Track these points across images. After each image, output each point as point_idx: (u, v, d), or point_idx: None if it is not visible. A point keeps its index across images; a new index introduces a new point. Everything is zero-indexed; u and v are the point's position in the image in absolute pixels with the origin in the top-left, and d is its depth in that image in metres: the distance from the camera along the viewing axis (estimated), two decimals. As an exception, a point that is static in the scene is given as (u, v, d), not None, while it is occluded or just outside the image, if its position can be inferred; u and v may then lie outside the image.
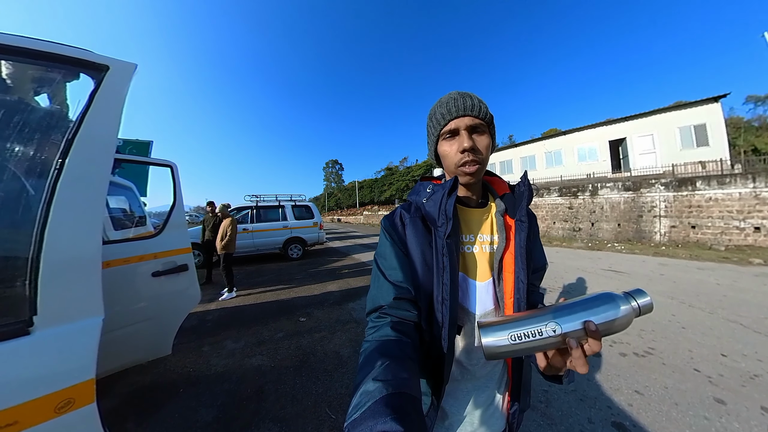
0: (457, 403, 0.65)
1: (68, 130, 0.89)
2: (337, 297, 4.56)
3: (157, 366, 2.50)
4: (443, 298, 0.57)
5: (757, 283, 4.72)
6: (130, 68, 1.03)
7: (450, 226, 0.58)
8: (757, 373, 2.18)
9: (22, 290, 0.76)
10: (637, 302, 0.47)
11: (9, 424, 0.68)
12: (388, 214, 0.70)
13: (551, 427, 1.74)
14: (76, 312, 0.82)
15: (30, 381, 0.74)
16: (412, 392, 0.41)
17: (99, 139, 0.93)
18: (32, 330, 0.76)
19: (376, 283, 0.63)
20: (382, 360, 0.45)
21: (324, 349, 2.82)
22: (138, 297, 1.84)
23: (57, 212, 0.80)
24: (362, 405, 0.38)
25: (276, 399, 2.07)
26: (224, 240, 4.79)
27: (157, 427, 1.81)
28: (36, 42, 0.87)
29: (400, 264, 0.62)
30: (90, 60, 0.95)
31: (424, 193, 0.66)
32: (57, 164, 0.84)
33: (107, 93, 0.95)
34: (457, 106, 0.60)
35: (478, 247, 0.65)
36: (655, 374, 2.22)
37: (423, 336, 0.60)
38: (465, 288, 0.62)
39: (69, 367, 0.80)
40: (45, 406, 0.74)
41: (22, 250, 0.77)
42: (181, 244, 2.08)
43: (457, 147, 0.60)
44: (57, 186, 0.81)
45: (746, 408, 1.80)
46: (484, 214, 0.69)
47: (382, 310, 0.58)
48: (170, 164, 2.16)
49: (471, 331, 0.63)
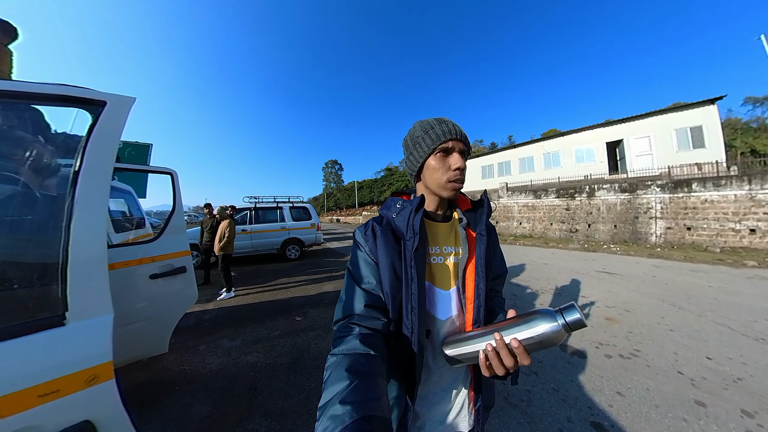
0: (428, 404, 0.69)
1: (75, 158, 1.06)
2: (332, 297, 4.62)
3: (155, 364, 2.57)
4: (412, 306, 0.61)
5: (749, 285, 4.76)
6: (128, 102, 1.16)
7: (417, 240, 0.62)
8: (741, 376, 2.21)
9: (56, 291, 0.98)
10: (565, 320, 0.49)
11: (53, 392, 0.91)
12: (360, 226, 0.74)
13: (531, 425, 1.79)
14: (94, 310, 1.04)
15: (67, 360, 0.96)
16: (382, 414, 0.41)
17: (97, 167, 1.08)
18: (66, 322, 0.97)
19: (347, 291, 0.66)
20: (351, 378, 0.45)
21: (318, 347, 2.88)
22: (137, 298, 1.92)
23: (75, 230, 1.00)
24: (330, 431, 0.37)
25: (269, 394, 2.14)
26: (222, 241, 4.84)
27: (154, 421, 1.88)
28: (40, 86, 1.02)
29: (371, 273, 0.66)
30: (88, 97, 1.09)
31: (394, 208, 0.71)
32: (70, 191, 1.03)
33: (104, 126, 1.10)
34: (456, 130, 0.66)
35: (443, 258, 0.70)
36: (638, 376, 2.27)
37: (390, 343, 0.63)
38: (432, 296, 0.67)
39: (94, 351, 1.01)
40: (78, 379, 0.96)
41: (53, 259, 0.99)
42: (179, 247, 2.16)
43: (449, 165, 0.65)
44: (73, 208, 1.01)
45: (726, 411, 1.84)
46: (449, 228, 0.74)
47: (351, 319, 0.61)
48: (170, 172, 2.23)
49: (437, 336, 0.67)
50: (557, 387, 2.16)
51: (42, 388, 0.89)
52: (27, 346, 0.90)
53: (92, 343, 1.01)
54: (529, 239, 12.68)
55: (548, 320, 0.50)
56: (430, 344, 0.67)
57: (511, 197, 15.11)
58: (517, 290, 4.85)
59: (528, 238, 12.93)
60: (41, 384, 0.89)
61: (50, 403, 0.90)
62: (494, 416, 1.86)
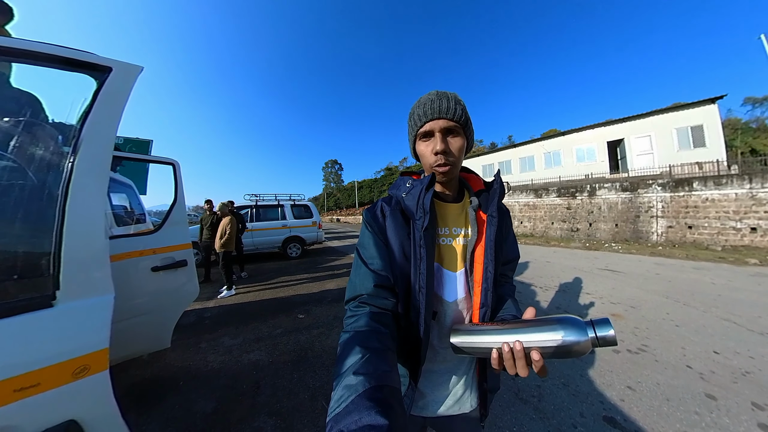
0: (431, 384, 0.70)
1: (74, 129, 0.97)
2: (335, 294, 4.58)
3: (156, 361, 2.54)
4: (420, 286, 0.60)
5: (752, 282, 4.76)
6: (135, 70, 1.08)
7: (427, 219, 0.61)
8: (749, 369, 2.21)
9: (47, 267, 0.86)
10: (596, 334, 0.45)
11: (32, 386, 0.77)
12: (369, 206, 0.73)
13: (543, 420, 1.76)
14: (92, 289, 0.92)
15: (52, 348, 0.83)
16: (393, 384, 0.43)
17: (100, 137, 1.00)
18: (55, 303, 0.85)
19: (356, 272, 0.65)
20: (362, 352, 0.46)
21: (322, 345, 2.85)
22: (139, 291, 1.88)
23: (71, 204, 0.90)
24: (345, 399, 0.38)
25: (273, 393, 2.10)
26: (223, 238, 4.79)
27: (158, 417, 1.84)
28: (41, 45, 0.93)
29: (380, 254, 0.65)
30: (92, 62, 1.01)
31: (403, 187, 0.70)
32: (69, 160, 0.93)
33: (110, 93, 1.01)
34: (432, 109, 0.62)
35: (452, 240, 0.69)
36: (647, 371, 2.25)
37: (400, 322, 0.63)
38: (440, 277, 0.66)
39: (86, 336, 0.89)
40: (64, 371, 0.83)
41: (46, 235, 0.88)
42: (180, 240, 2.11)
43: (431, 148, 0.63)
44: (70, 182, 0.91)
45: (737, 404, 1.83)
46: (459, 208, 0.72)
47: (361, 298, 0.61)
48: (172, 162, 2.19)
49: (444, 318, 0.67)
50: (567, 382, 2.14)
51: (19, 381, 0.76)
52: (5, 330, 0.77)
53: (85, 326, 0.89)
54: (531, 238, 12.68)
55: (576, 331, 0.45)
56: (436, 325, 0.67)
57: (512, 196, 15.09)
58: (522, 287, 4.83)
59: (529, 237, 12.93)
60: (18, 376, 0.76)
61: (28, 399, 0.77)
62: (506, 412, 1.84)
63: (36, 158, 1.00)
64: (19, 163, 0.95)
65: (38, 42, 0.94)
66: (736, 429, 1.64)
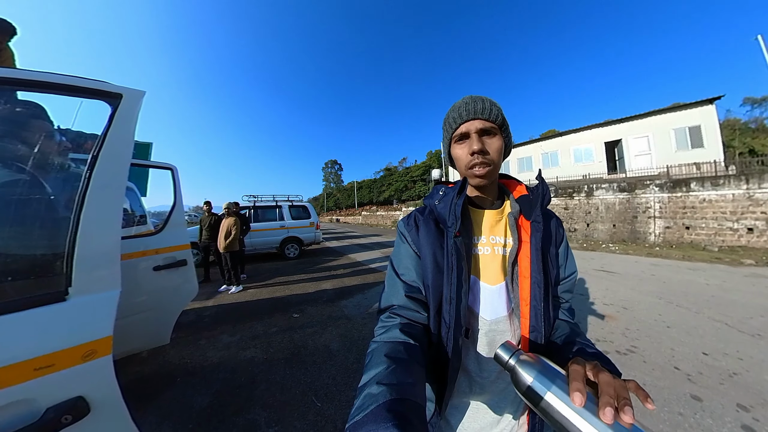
0: (460, 415, 0.63)
1: (94, 147, 1.11)
2: (330, 295, 4.63)
3: (156, 357, 2.61)
4: (450, 297, 0.55)
5: (746, 283, 4.77)
6: (139, 95, 1.22)
7: (459, 225, 0.57)
8: (737, 371, 2.22)
9: (61, 266, 1.00)
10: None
11: (48, 366, 0.91)
12: (404, 216, 0.71)
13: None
14: (100, 285, 1.06)
15: (64, 335, 0.97)
16: (416, 399, 0.41)
17: (118, 153, 1.15)
18: (68, 297, 0.99)
19: (389, 283, 0.64)
20: (388, 363, 0.44)
21: (315, 343, 2.91)
22: (141, 289, 1.99)
23: (87, 210, 1.03)
24: (365, 407, 0.37)
25: (267, 387, 2.17)
26: (229, 239, 4.84)
27: (156, 411, 1.91)
28: (61, 77, 1.08)
29: (413, 265, 0.62)
30: (107, 90, 1.16)
31: (437, 195, 0.66)
32: (86, 174, 1.06)
33: (122, 116, 1.16)
34: (467, 110, 0.60)
35: (489, 249, 0.63)
36: (634, 371, 2.27)
37: (432, 339, 0.59)
38: (475, 290, 0.60)
39: (94, 325, 1.02)
40: (75, 354, 0.97)
41: (61, 240, 1.01)
42: (180, 240, 2.22)
43: (467, 149, 0.60)
44: (88, 190, 1.05)
45: (722, 405, 1.85)
46: (498, 215, 0.66)
47: (392, 309, 0.59)
48: (171, 167, 2.29)
49: (482, 338, 0.59)
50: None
51: (38, 362, 0.90)
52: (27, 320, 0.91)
53: (93, 317, 1.03)
54: (528, 238, 12.67)
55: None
56: (472, 345, 0.59)
57: (510, 197, 15.10)
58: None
59: (527, 238, 12.93)
60: (37, 357, 0.90)
61: (45, 377, 0.90)
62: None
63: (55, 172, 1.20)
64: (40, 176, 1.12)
65: (57, 74, 1.08)
66: (719, 430, 1.65)
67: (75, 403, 0.95)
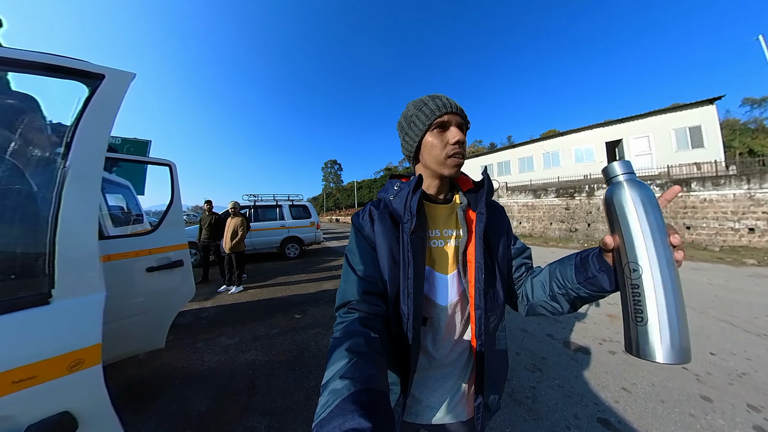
0: (426, 390, 0.68)
1: (67, 135, 1.00)
2: (332, 295, 4.58)
3: (153, 360, 2.54)
4: (408, 291, 0.58)
5: (750, 283, 4.76)
6: (127, 77, 1.11)
7: (414, 222, 0.59)
8: (745, 371, 2.20)
9: (43, 267, 0.90)
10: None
11: (30, 377, 0.81)
12: (358, 211, 0.72)
13: (537, 422, 1.76)
14: (85, 288, 0.96)
15: (48, 343, 0.87)
16: (380, 387, 0.42)
17: (91, 142, 1.03)
18: (51, 300, 0.89)
19: (345, 278, 0.65)
20: (350, 357, 0.45)
21: (318, 345, 2.84)
22: (133, 291, 1.89)
23: (65, 206, 0.93)
24: (330, 403, 0.38)
25: (268, 392, 2.10)
26: (235, 239, 4.81)
27: (153, 415, 1.85)
28: (34, 54, 0.96)
29: (369, 259, 0.64)
30: (84, 69, 1.03)
31: (392, 190, 0.68)
32: (62, 165, 0.97)
33: (102, 99, 1.04)
34: (450, 104, 0.62)
35: (444, 242, 0.67)
36: (643, 372, 2.24)
37: (391, 329, 0.62)
38: (432, 281, 0.65)
39: (80, 332, 0.93)
40: (59, 364, 0.87)
41: (41, 236, 0.91)
42: (176, 240, 2.12)
43: (447, 139, 0.62)
44: (64, 183, 0.94)
45: (732, 405, 1.82)
46: (449, 209, 0.70)
47: (350, 305, 0.60)
48: (169, 163, 2.20)
49: (438, 322, 0.65)
50: (562, 383, 2.13)
51: (17, 374, 0.80)
52: (5, 325, 0.81)
53: (79, 322, 0.93)
54: (529, 239, 12.68)
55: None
56: (430, 330, 0.65)
57: (510, 197, 15.10)
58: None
59: (528, 238, 12.93)
60: (16, 369, 0.80)
61: (26, 390, 0.81)
62: (499, 414, 1.83)
63: (32, 163, 1.04)
64: (17, 167, 0.99)
65: (31, 51, 0.97)
66: (731, 431, 1.63)
67: (60, 419, 0.86)
